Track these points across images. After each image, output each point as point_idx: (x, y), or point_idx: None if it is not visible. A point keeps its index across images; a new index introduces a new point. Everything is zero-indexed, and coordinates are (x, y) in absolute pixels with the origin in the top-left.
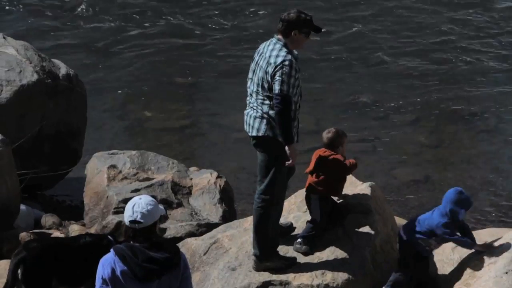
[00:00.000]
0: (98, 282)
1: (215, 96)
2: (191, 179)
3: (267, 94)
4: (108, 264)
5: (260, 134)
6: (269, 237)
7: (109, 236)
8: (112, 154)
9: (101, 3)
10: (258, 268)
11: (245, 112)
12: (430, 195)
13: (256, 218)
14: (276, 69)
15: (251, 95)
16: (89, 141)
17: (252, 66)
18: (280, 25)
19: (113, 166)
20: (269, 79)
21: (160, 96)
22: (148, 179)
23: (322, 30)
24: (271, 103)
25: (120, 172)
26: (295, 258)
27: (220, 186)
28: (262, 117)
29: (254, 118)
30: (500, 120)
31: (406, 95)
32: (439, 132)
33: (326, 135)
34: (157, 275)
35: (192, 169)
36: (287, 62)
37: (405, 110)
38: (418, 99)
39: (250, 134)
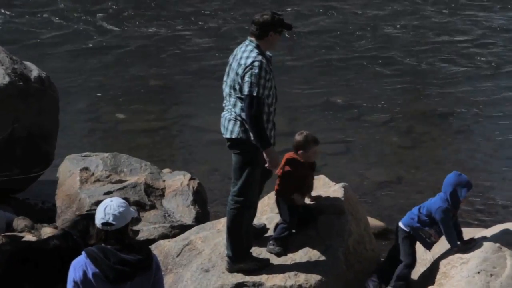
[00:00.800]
0: (69, 285)
1: (188, 98)
2: (164, 181)
3: (239, 95)
4: (79, 266)
5: (233, 136)
6: (242, 239)
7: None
8: (84, 156)
9: (74, 5)
10: (231, 269)
11: (222, 114)
12: (403, 196)
13: (229, 220)
14: (246, 70)
15: (225, 97)
16: (61, 143)
17: (227, 68)
18: (254, 28)
19: (85, 169)
20: (240, 80)
21: (133, 98)
22: (120, 181)
23: (292, 27)
24: (242, 105)
25: (93, 174)
26: (268, 260)
27: (193, 188)
28: (235, 119)
29: (228, 120)
30: (473, 121)
31: (379, 96)
32: (412, 132)
33: (295, 137)
34: (129, 277)
35: (165, 171)
36: (256, 63)
37: (378, 111)
38: (391, 100)
39: (225, 135)
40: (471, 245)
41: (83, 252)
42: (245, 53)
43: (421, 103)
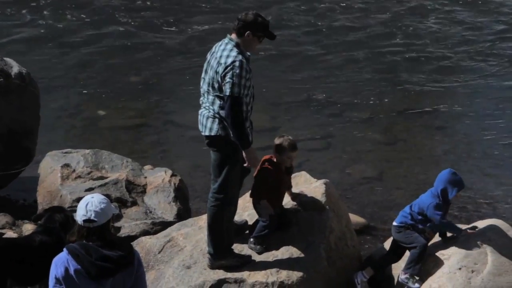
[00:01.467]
0: (51, 281)
1: (169, 94)
2: (145, 177)
3: (217, 94)
4: (61, 263)
5: (212, 133)
6: (224, 236)
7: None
8: (65, 153)
9: (54, 1)
10: (213, 266)
11: (199, 111)
12: (385, 192)
13: (210, 217)
14: (227, 70)
15: (203, 94)
16: (42, 140)
17: (205, 65)
18: (236, 24)
19: (66, 165)
20: (219, 79)
21: (114, 94)
22: (102, 177)
23: (276, 37)
24: (221, 103)
25: (74, 171)
26: (250, 256)
27: (174, 184)
28: (214, 117)
29: (207, 118)
30: (453, 117)
31: (360, 93)
32: (393, 129)
33: (275, 139)
34: (111, 274)
35: (146, 167)
36: (237, 63)
37: (360, 107)
38: (373, 97)
39: (203, 133)
40: (476, 230)
41: (64, 249)
42: (224, 52)
43: (402, 100)
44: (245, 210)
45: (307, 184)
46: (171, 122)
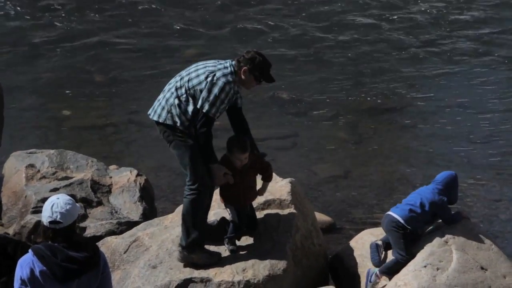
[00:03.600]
0: (16, 283)
1: (134, 94)
2: (110, 177)
3: (185, 97)
4: (26, 264)
5: (160, 120)
6: (196, 228)
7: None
8: (30, 153)
9: (19, 1)
10: (183, 259)
11: (158, 98)
12: (350, 190)
13: (184, 207)
14: (210, 87)
15: (171, 86)
16: (6, 140)
17: (192, 67)
18: (241, 58)
19: (31, 165)
20: (199, 90)
21: (78, 94)
22: (67, 178)
23: (274, 81)
24: (181, 103)
25: (39, 171)
26: (219, 254)
27: (140, 184)
28: (164, 107)
29: (159, 104)
30: (418, 115)
31: (325, 91)
32: (358, 127)
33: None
34: (76, 275)
35: (111, 167)
36: (225, 86)
37: (325, 105)
38: (338, 95)
39: (151, 117)
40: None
41: (30, 250)
42: (219, 72)
43: (367, 99)
44: (212, 209)
45: (272, 183)
46: (136, 122)
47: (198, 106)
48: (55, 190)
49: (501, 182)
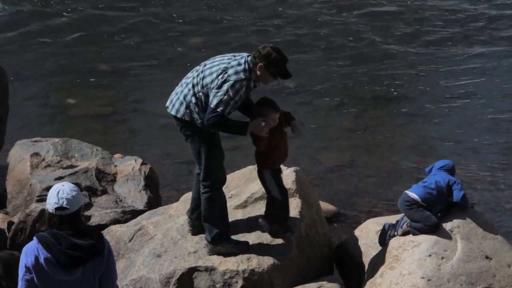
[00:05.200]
0: (21, 270)
1: (138, 82)
2: (115, 166)
3: (200, 94)
4: (31, 252)
5: (178, 115)
6: (217, 222)
7: None
8: (35, 141)
9: None
10: (210, 251)
11: (175, 89)
12: (355, 179)
13: (202, 204)
14: (222, 85)
15: (188, 80)
16: (11, 129)
17: (208, 62)
18: (256, 53)
19: (36, 154)
20: (211, 87)
21: (83, 83)
22: (72, 166)
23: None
24: (198, 101)
25: (43, 159)
26: (247, 243)
27: (145, 172)
28: (183, 102)
29: (177, 99)
30: (424, 104)
31: (330, 80)
32: (363, 116)
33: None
34: (81, 262)
35: (116, 156)
36: (237, 85)
37: (330, 94)
38: (342, 84)
39: (169, 110)
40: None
41: (34, 238)
42: (231, 69)
43: (372, 87)
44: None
45: None
46: (140, 111)
47: (209, 103)
48: (60, 178)
49: (506, 171)
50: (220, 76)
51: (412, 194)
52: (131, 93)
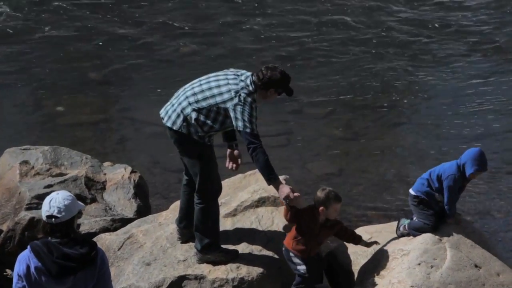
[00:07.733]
0: (14, 278)
1: (128, 91)
2: (105, 174)
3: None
4: (23, 260)
5: (174, 128)
6: (208, 236)
7: None
8: (24, 149)
9: None
10: (200, 260)
11: (170, 100)
12: (345, 188)
13: (195, 214)
14: (239, 107)
15: (186, 91)
16: (0, 137)
17: (204, 78)
18: (260, 78)
19: (25, 162)
20: (224, 109)
21: (72, 91)
22: (61, 174)
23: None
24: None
25: (33, 167)
26: (236, 251)
27: (134, 181)
28: (179, 115)
29: (173, 110)
30: (412, 111)
31: (320, 89)
32: (352, 124)
33: (317, 192)
34: (72, 272)
35: (106, 164)
36: (254, 105)
37: (320, 103)
38: (332, 93)
39: (165, 122)
40: (460, 217)
41: (28, 246)
42: (244, 90)
43: (362, 96)
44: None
45: (262, 181)
46: (130, 119)
47: (237, 128)
48: (49, 186)
49: (495, 180)
50: (237, 100)
51: (411, 191)
52: (120, 101)
